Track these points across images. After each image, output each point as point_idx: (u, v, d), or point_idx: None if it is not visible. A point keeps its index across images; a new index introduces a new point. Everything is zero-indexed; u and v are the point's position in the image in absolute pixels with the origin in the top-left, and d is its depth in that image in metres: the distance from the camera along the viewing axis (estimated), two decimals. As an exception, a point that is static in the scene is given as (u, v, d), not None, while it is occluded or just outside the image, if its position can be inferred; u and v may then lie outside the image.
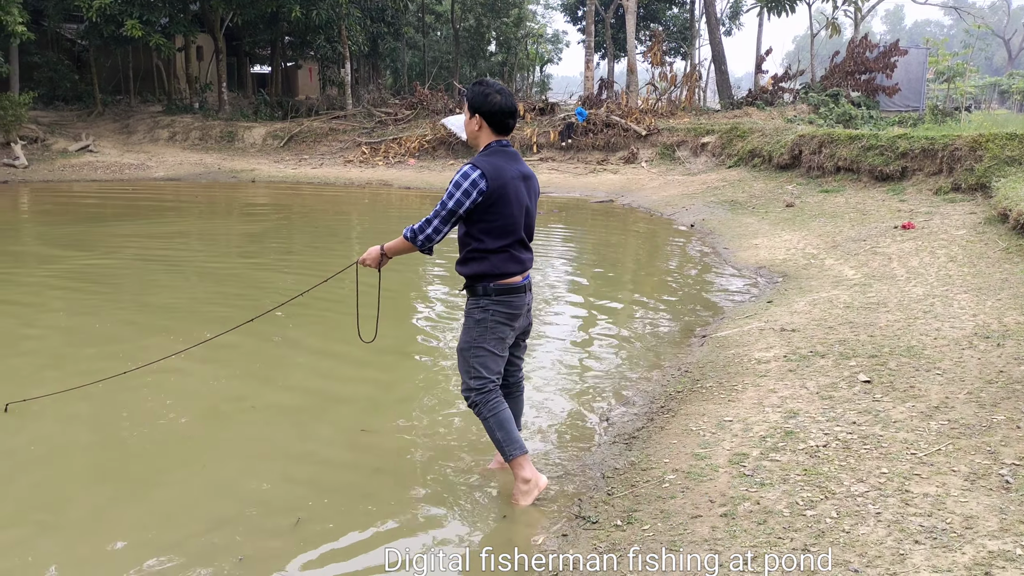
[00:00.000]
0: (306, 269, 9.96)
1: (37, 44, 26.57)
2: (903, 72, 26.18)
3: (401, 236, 3.71)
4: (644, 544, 3.15)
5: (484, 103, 3.62)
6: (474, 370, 3.74)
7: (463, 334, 3.79)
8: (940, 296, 6.60)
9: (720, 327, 6.75)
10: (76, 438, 4.68)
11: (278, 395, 5.41)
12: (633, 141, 21.70)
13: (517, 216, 3.64)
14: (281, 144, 26.13)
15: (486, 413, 3.74)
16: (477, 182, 3.51)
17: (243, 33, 32.72)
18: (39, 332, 6.93)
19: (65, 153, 24.11)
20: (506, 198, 3.57)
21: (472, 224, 3.62)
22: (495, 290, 3.66)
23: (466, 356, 3.76)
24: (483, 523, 3.70)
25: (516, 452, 3.74)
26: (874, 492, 3.30)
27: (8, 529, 3.65)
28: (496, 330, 3.71)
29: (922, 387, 4.49)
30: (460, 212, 3.56)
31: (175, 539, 3.52)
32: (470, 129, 3.72)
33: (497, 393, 3.77)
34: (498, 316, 3.69)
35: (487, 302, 3.67)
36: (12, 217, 15.68)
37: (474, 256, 3.65)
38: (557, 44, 51.09)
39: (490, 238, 3.60)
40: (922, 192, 11.51)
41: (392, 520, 3.71)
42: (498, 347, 3.75)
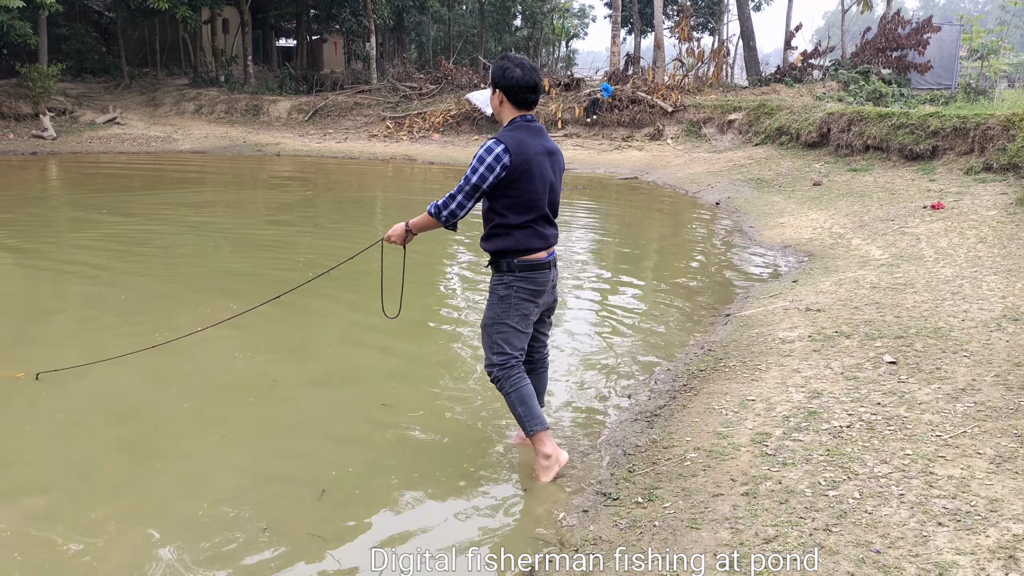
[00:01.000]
0: (334, 238, 10.00)
1: (65, 16, 26.76)
2: (935, 49, 25.70)
3: (425, 212, 3.71)
4: (665, 521, 3.16)
5: (503, 77, 3.60)
6: (497, 346, 3.75)
7: (487, 310, 3.80)
8: (969, 277, 6.51)
9: (744, 306, 6.72)
10: (103, 407, 4.75)
11: (301, 367, 5.45)
12: (659, 118, 21.52)
13: (541, 192, 3.62)
14: (306, 118, 26.17)
15: (507, 388, 3.75)
16: (501, 156, 3.49)
17: (269, 6, 32.69)
18: (69, 300, 7.03)
19: (93, 125, 24.31)
20: (529, 173, 3.56)
21: (496, 199, 3.60)
22: (519, 266, 3.65)
23: (489, 332, 3.77)
24: (504, 497, 3.72)
25: (537, 428, 3.75)
26: (898, 473, 3.28)
27: (37, 495, 3.72)
28: (520, 307, 3.71)
29: (948, 369, 4.45)
30: (484, 187, 3.54)
31: (198, 509, 3.57)
32: (494, 104, 3.71)
33: (519, 369, 3.77)
34: (522, 292, 3.69)
35: (511, 278, 3.67)
36: (43, 187, 15.85)
37: (497, 232, 3.65)
38: (583, 19, 50.64)
39: (513, 213, 3.59)
40: (952, 172, 11.33)
41: (413, 492, 3.74)
42: (521, 323, 3.75)
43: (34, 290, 7.50)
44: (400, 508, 3.62)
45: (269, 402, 4.86)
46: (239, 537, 3.34)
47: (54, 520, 3.48)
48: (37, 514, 3.54)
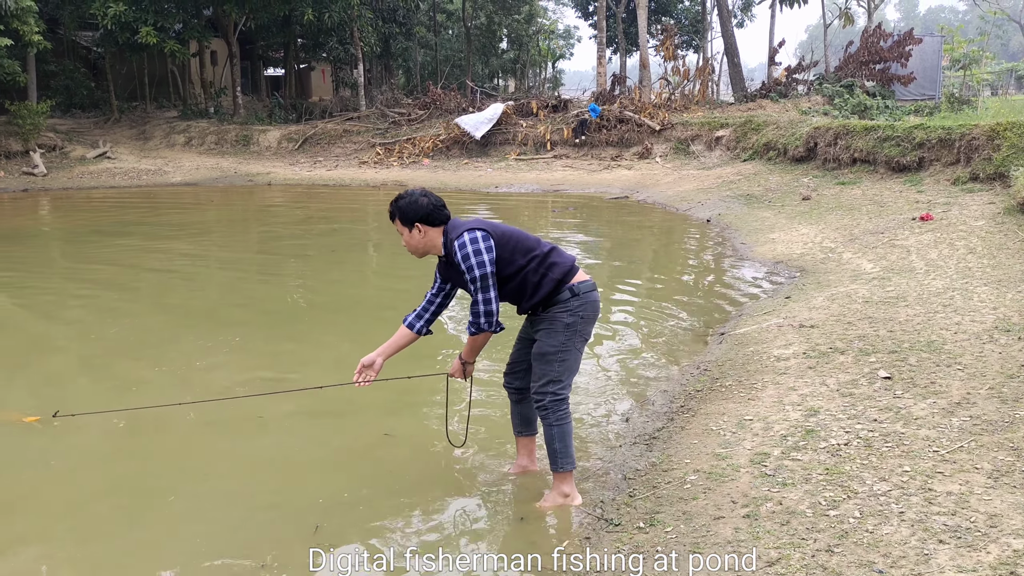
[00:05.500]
0: (332, 277, 10.01)
1: (53, 53, 26.80)
2: (918, 60, 25.95)
3: (468, 339, 3.76)
4: (667, 546, 3.17)
5: (416, 210, 3.63)
6: (556, 373, 3.71)
7: (547, 339, 3.71)
8: (960, 289, 6.56)
9: (738, 324, 6.75)
10: (98, 448, 4.75)
11: (303, 400, 5.43)
12: (647, 136, 21.65)
13: (518, 231, 3.75)
14: (296, 147, 26.24)
15: (552, 420, 3.73)
16: (480, 237, 3.58)
17: (256, 37, 32.84)
18: (71, 339, 7.03)
19: (83, 160, 24.32)
20: (495, 225, 3.71)
21: (510, 263, 3.64)
22: (582, 289, 3.69)
23: (551, 359, 3.70)
24: (504, 526, 3.73)
25: (568, 466, 3.76)
26: (897, 491, 3.30)
27: (31, 544, 3.72)
28: (584, 331, 3.75)
29: (943, 383, 4.48)
30: (493, 270, 3.58)
31: (195, 545, 3.57)
32: (420, 242, 3.70)
33: (568, 403, 3.77)
34: (587, 315, 3.72)
35: (576, 304, 3.68)
36: (34, 223, 15.85)
37: (535, 280, 3.66)
38: (569, 40, 51.08)
39: (531, 252, 3.67)
40: (940, 183, 11.41)
41: (411, 520, 3.75)
42: (582, 347, 3.80)
43: (36, 329, 7.49)
44: (397, 538, 3.62)
45: (277, 435, 4.86)
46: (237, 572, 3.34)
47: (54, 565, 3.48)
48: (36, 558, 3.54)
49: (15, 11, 20.76)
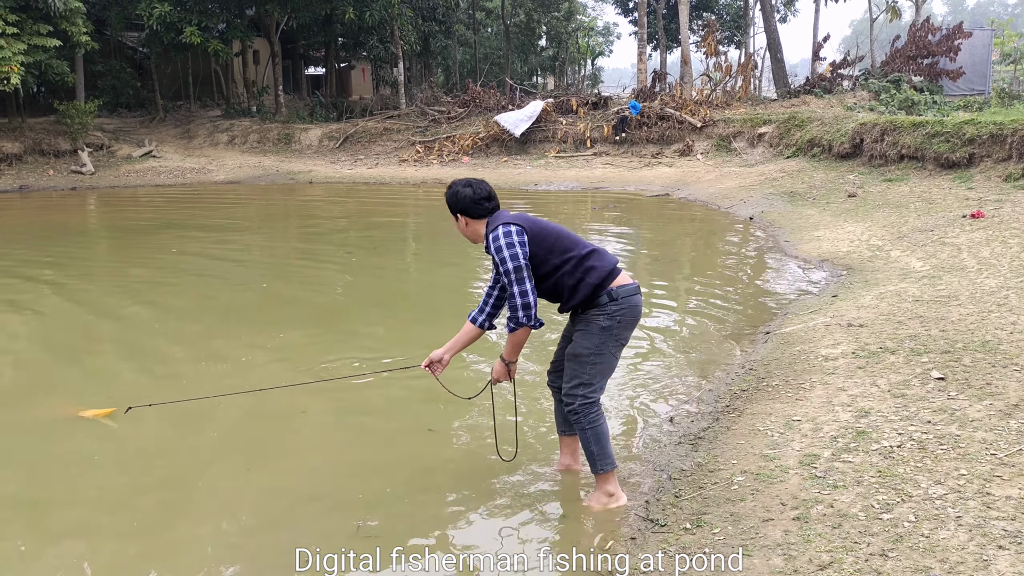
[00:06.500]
0: (375, 269, 10.08)
1: (100, 53, 27.34)
2: (967, 55, 25.37)
3: (508, 336, 3.72)
4: (715, 548, 3.12)
5: (457, 202, 3.74)
6: (587, 376, 3.67)
7: (582, 339, 3.68)
8: (1015, 288, 6.38)
9: (784, 323, 6.64)
10: (141, 443, 4.81)
11: (346, 395, 5.45)
12: (688, 133, 21.46)
13: (560, 229, 3.72)
14: (337, 145, 26.43)
15: (586, 424, 3.69)
16: (514, 231, 3.58)
17: (298, 36, 33.16)
18: (132, 335, 7.15)
19: (129, 159, 24.76)
20: (536, 221, 3.70)
21: (545, 262, 3.61)
22: (620, 293, 3.62)
23: (583, 361, 3.66)
24: (549, 525, 3.69)
25: (607, 467, 3.72)
26: (953, 495, 3.21)
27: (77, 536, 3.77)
28: (621, 336, 3.68)
29: (999, 384, 4.35)
30: (527, 263, 3.56)
31: (228, 538, 3.59)
32: (463, 230, 3.83)
33: (599, 406, 3.72)
34: (625, 320, 3.65)
35: (615, 308, 3.61)
36: (81, 221, 16.16)
37: (573, 283, 3.62)
38: (608, 36, 50.85)
39: (568, 252, 3.63)
40: (991, 179, 11.14)
41: (455, 517, 3.74)
42: (618, 352, 3.73)
43: (88, 323, 7.62)
44: (440, 534, 3.61)
45: (318, 429, 4.88)
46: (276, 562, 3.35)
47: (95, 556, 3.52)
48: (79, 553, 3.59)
49: (64, 12, 21.20)
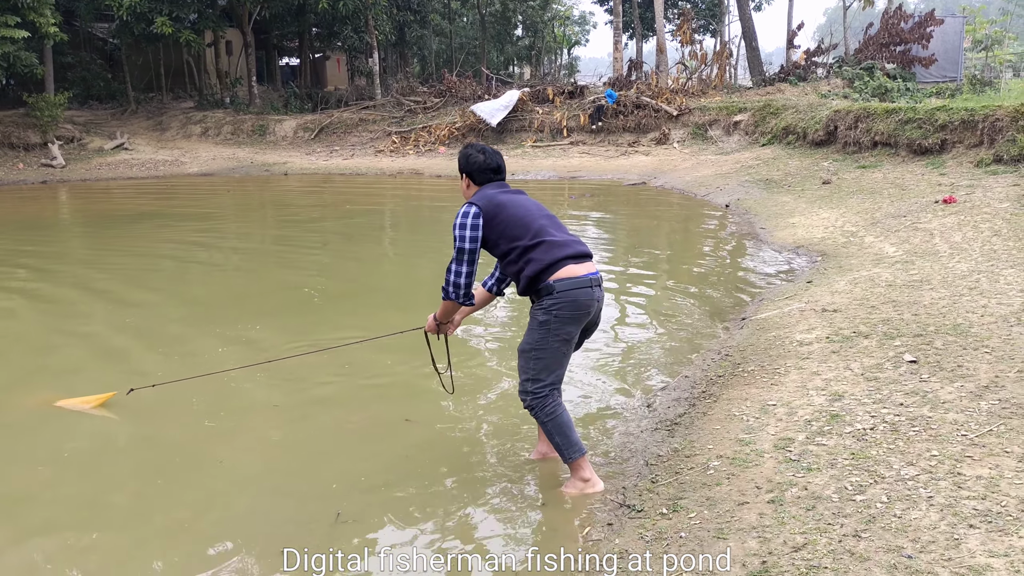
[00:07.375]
0: (350, 257, 10.02)
1: (70, 44, 26.94)
2: (939, 42, 25.57)
3: (441, 301, 3.83)
4: (691, 532, 3.13)
5: (468, 163, 3.86)
6: (532, 371, 3.67)
7: (526, 335, 3.71)
8: (985, 272, 6.46)
9: (760, 309, 6.68)
10: (114, 436, 4.76)
11: (322, 385, 5.42)
12: (664, 122, 21.50)
13: (522, 212, 3.72)
14: (312, 136, 26.26)
15: (543, 417, 3.69)
16: (472, 213, 3.65)
17: (271, 26, 32.84)
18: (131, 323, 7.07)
19: (101, 152, 24.45)
20: (502, 205, 3.69)
21: (495, 246, 3.70)
22: (557, 288, 3.58)
23: (527, 357, 3.68)
24: (526, 512, 3.70)
25: (575, 455, 3.72)
26: (925, 475, 3.24)
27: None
28: (560, 331, 3.63)
29: (970, 366, 4.40)
30: (474, 247, 3.65)
31: (215, 528, 3.57)
32: (463, 192, 3.92)
33: (553, 397, 3.69)
34: (563, 315, 3.60)
35: (550, 302, 3.59)
36: (53, 214, 15.94)
37: (519, 266, 3.65)
38: (584, 26, 50.73)
39: (515, 241, 3.64)
40: (963, 165, 11.26)
41: (432, 505, 3.73)
42: (563, 347, 3.68)
43: (84, 316, 7.53)
44: (419, 522, 3.60)
45: (293, 421, 4.85)
46: (255, 557, 3.33)
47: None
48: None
49: (31, 3, 20.85)
